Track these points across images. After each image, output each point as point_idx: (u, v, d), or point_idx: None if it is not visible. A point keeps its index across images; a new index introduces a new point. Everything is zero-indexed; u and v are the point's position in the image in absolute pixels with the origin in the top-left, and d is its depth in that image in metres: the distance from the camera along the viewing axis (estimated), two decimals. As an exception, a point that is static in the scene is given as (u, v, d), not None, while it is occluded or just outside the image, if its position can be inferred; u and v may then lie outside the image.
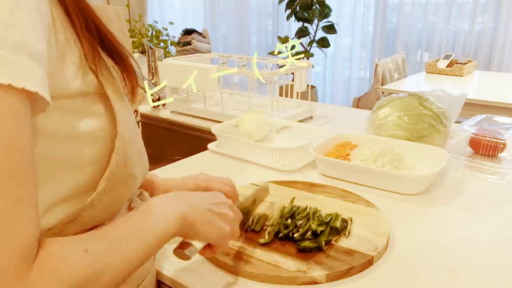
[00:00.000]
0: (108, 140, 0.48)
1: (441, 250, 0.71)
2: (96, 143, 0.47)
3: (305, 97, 1.47)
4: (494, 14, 3.31)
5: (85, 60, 0.45)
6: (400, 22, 3.71)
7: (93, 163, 0.47)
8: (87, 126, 0.46)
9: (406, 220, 0.81)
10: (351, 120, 1.48)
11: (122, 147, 0.48)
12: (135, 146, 0.52)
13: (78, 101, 0.45)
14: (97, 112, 0.47)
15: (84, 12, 0.45)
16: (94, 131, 0.46)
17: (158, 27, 2.26)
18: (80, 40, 0.45)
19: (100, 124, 0.47)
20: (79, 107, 0.45)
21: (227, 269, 0.66)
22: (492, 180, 0.97)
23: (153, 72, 1.57)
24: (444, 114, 1.10)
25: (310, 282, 0.62)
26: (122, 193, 0.52)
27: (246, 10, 4.51)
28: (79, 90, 0.45)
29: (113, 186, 0.49)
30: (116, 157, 0.48)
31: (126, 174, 0.50)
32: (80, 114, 0.45)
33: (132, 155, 0.51)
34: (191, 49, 2.72)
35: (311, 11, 3.06)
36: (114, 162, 0.48)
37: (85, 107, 0.46)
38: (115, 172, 0.48)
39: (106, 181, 0.47)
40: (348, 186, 0.92)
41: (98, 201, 0.48)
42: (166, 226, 0.51)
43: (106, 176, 0.47)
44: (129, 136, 0.50)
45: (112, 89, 0.48)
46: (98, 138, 0.47)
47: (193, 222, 0.54)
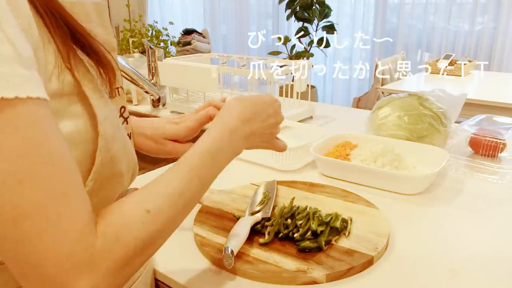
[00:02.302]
0: (90, 140, 0.47)
1: (441, 250, 0.71)
2: (77, 144, 0.46)
3: (305, 97, 1.47)
4: (494, 14, 3.32)
5: (60, 59, 0.44)
6: (400, 22, 3.71)
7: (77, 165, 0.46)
8: (65, 128, 0.45)
9: (406, 220, 0.81)
10: (351, 120, 1.48)
11: (105, 145, 0.48)
12: (119, 143, 0.51)
13: (56, 103, 0.44)
14: (75, 113, 0.46)
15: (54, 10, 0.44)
16: (72, 132, 0.46)
17: (158, 27, 2.26)
18: (54, 39, 0.44)
19: (79, 124, 0.46)
20: (57, 109, 0.44)
21: (227, 268, 0.66)
22: (492, 180, 0.97)
23: (153, 72, 1.57)
24: (444, 114, 1.10)
25: (310, 282, 0.62)
26: (111, 192, 0.52)
27: (246, 10, 4.51)
28: (56, 90, 0.44)
29: (100, 185, 0.49)
30: (100, 157, 0.47)
31: (113, 173, 0.50)
32: (59, 115, 0.44)
33: (117, 152, 0.50)
34: (191, 49, 2.72)
35: (311, 11, 3.06)
36: (98, 161, 0.47)
37: (62, 108, 0.45)
38: (101, 171, 0.48)
39: (92, 181, 0.47)
40: (348, 186, 0.92)
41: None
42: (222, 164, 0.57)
43: (92, 176, 0.47)
44: (112, 134, 0.49)
45: (90, 87, 0.47)
46: (78, 139, 0.46)
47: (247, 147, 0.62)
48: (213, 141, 0.56)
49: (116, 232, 0.42)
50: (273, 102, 0.67)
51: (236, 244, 0.66)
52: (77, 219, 0.40)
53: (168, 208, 0.47)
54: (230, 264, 0.62)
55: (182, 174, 0.51)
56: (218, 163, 0.56)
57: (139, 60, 1.86)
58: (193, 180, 0.51)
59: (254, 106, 0.63)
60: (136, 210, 0.45)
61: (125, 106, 0.61)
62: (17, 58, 0.37)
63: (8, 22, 0.38)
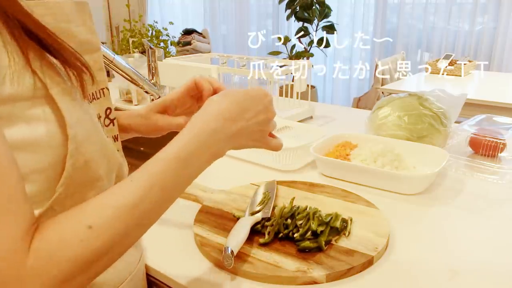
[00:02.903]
0: (56, 144, 0.45)
1: (441, 250, 0.71)
2: (45, 149, 0.44)
3: (305, 97, 1.47)
4: (494, 14, 3.32)
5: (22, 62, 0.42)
6: (400, 22, 3.71)
7: (41, 171, 0.44)
8: (23, 133, 0.43)
9: (406, 220, 0.81)
10: (351, 120, 1.48)
11: (76, 149, 0.45)
12: (95, 146, 0.49)
13: (11, 107, 0.42)
14: (36, 117, 0.44)
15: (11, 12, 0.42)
16: (32, 137, 0.43)
17: (158, 27, 2.26)
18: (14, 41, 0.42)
19: (40, 129, 0.44)
20: (12, 114, 0.42)
21: (227, 269, 0.66)
22: (492, 180, 0.97)
23: (153, 72, 1.57)
24: (444, 114, 1.10)
25: (310, 282, 0.62)
26: (87, 196, 0.49)
27: (246, 10, 4.51)
28: (12, 95, 0.41)
29: (75, 189, 0.47)
30: (71, 161, 0.45)
31: (89, 177, 0.48)
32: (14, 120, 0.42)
33: (92, 156, 0.48)
34: (191, 49, 2.72)
35: (311, 11, 3.07)
36: (69, 166, 0.45)
37: (20, 113, 0.42)
38: (74, 176, 0.46)
39: (63, 186, 0.45)
40: (348, 186, 0.92)
41: (60, 206, 0.46)
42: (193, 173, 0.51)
43: (62, 181, 0.45)
44: (85, 137, 0.47)
45: (58, 89, 0.45)
46: (46, 144, 0.44)
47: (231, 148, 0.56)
48: (184, 145, 0.51)
49: (49, 249, 0.39)
50: (263, 96, 0.60)
51: (236, 244, 0.66)
52: (7, 235, 0.37)
53: (116, 222, 0.43)
54: (230, 264, 0.62)
55: (139, 183, 0.46)
56: (191, 167, 0.50)
57: (139, 60, 1.86)
58: (153, 188, 0.46)
59: (241, 102, 0.57)
60: (76, 225, 0.41)
61: (111, 107, 0.58)
62: None
63: None
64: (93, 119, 0.51)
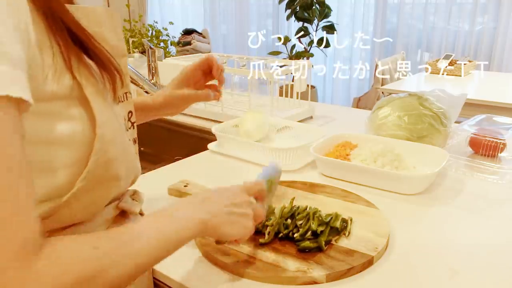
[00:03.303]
0: (87, 142, 0.47)
1: (441, 250, 0.71)
2: (72, 146, 0.46)
3: (305, 97, 1.47)
4: (494, 14, 3.31)
5: (62, 62, 0.45)
6: (400, 22, 3.71)
7: (69, 166, 0.47)
8: (62, 130, 0.45)
9: (406, 220, 0.81)
10: (351, 120, 1.48)
11: (101, 148, 0.48)
12: (119, 147, 0.52)
13: (53, 105, 0.44)
14: (73, 116, 0.46)
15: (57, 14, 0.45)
16: (69, 134, 0.46)
17: (158, 27, 2.26)
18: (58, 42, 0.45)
19: (77, 127, 0.46)
20: (54, 111, 0.45)
21: (227, 269, 0.66)
22: (492, 180, 0.97)
23: (153, 72, 1.57)
24: (444, 114, 1.10)
25: (310, 282, 0.62)
26: (104, 194, 0.52)
27: (246, 10, 4.51)
28: (54, 93, 0.44)
29: (93, 186, 0.49)
30: (95, 158, 0.47)
31: (108, 175, 0.50)
32: (54, 117, 0.45)
33: (115, 156, 0.50)
34: (191, 49, 2.72)
35: (311, 11, 3.06)
36: (92, 162, 0.47)
37: (61, 111, 0.45)
38: (94, 172, 0.48)
39: (83, 182, 0.47)
40: (348, 186, 0.92)
41: (76, 200, 0.48)
42: (184, 230, 0.52)
43: (83, 176, 0.47)
44: (111, 137, 0.49)
45: (92, 90, 0.48)
46: (74, 141, 0.46)
47: (215, 226, 0.56)
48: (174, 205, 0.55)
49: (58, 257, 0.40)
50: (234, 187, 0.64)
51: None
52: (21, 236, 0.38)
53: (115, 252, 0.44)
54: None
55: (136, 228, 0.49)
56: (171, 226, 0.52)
57: (139, 60, 1.87)
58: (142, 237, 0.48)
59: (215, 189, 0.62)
60: (86, 244, 0.43)
61: (133, 111, 0.61)
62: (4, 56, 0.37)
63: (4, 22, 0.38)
64: (119, 121, 0.54)
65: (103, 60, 0.50)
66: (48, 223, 0.48)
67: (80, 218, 0.52)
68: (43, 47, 0.43)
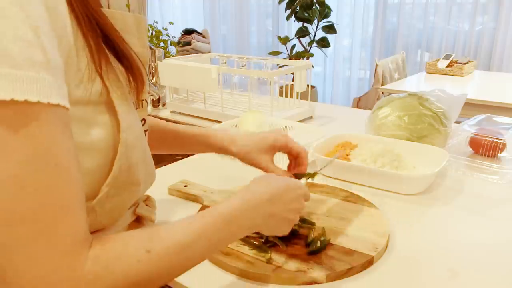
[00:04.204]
0: (111, 147, 0.47)
1: (441, 250, 0.71)
2: (98, 152, 0.46)
3: (305, 97, 1.47)
4: (494, 14, 3.31)
5: (92, 65, 0.45)
6: (400, 22, 3.71)
7: (94, 171, 0.46)
8: (91, 135, 0.45)
9: (406, 220, 0.81)
10: (351, 120, 1.48)
11: (125, 152, 0.48)
12: (139, 152, 0.52)
13: (82, 110, 0.44)
14: (101, 122, 0.46)
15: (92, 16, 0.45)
16: (97, 140, 0.46)
17: (158, 27, 2.26)
18: (89, 44, 0.45)
19: (103, 133, 0.46)
20: (83, 116, 0.45)
21: (227, 269, 0.66)
22: (492, 180, 0.97)
23: (153, 72, 1.57)
24: (444, 114, 1.10)
25: (310, 282, 0.62)
26: (125, 199, 0.52)
27: (246, 10, 4.51)
28: (83, 97, 0.44)
29: (116, 191, 0.49)
30: (119, 163, 0.47)
31: (130, 180, 0.50)
32: (84, 123, 0.45)
33: (136, 161, 0.50)
34: (191, 49, 2.71)
35: (311, 11, 3.06)
36: (116, 168, 0.47)
37: (90, 116, 0.45)
38: (118, 177, 0.48)
39: (108, 187, 0.47)
40: (348, 186, 0.92)
41: (100, 207, 0.48)
42: (235, 234, 0.54)
43: (108, 181, 0.47)
44: (133, 142, 0.50)
45: (118, 94, 0.48)
46: (100, 147, 0.46)
47: (260, 229, 0.59)
48: (233, 208, 0.54)
49: (108, 259, 0.41)
50: (297, 188, 0.64)
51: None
52: (71, 235, 0.39)
53: (169, 255, 0.45)
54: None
55: (193, 229, 0.49)
56: (230, 229, 0.53)
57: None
58: (201, 238, 0.49)
59: (280, 189, 0.61)
60: (137, 246, 0.43)
61: (146, 119, 0.61)
62: (45, 64, 0.37)
63: (43, 29, 0.38)
64: (140, 126, 0.54)
65: (132, 65, 0.50)
66: None
67: (105, 224, 0.51)
68: (79, 51, 0.43)
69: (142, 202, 0.63)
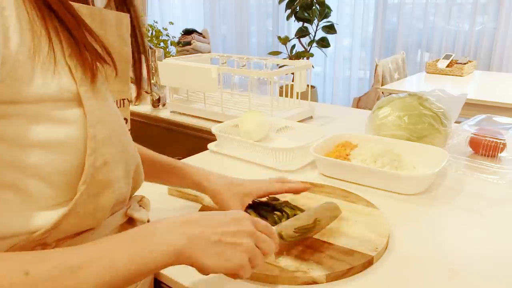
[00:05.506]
0: (82, 143, 0.45)
1: (441, 250, 0.71)
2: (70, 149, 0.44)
3: (305, 97, 1.47)
4: (494, 14, 3.32)
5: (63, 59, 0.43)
6: (400, 22, 3.71)
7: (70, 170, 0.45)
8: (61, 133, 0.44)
9: (406, 220, 0.81)
10: (351, 120, 1.48)
11: (95, 148, 0.46)
12: (116, 148, 0.50)
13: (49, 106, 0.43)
14: (71, 119, 0.45)
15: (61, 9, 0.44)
16: (67, 137, 0.44)
17: (158, 27, 2.26)
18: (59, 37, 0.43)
19: (74, 130, 0.45)
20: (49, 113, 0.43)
21: (227, 269, 0.65)
22: (492, 180, 0.97)
23: (153, 72, 1.57)
24: (444, 114, 1.10)
25: (310, 282, 0.62)
26: (107, 198, 0.49)
27: (246, 10, 4.51)
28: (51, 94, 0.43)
29: (96, 191, 0.47)
30: (91, 159, 0.45)
31: (108, 178, 0.48)
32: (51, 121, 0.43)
33: (112, 157, 0.49)
34: (191, 49, 2.71)
35: (311, 11, 3.06)
36: (89, 165, 0.45)
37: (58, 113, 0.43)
38: (94, 175, 0.46)
39: (85, 185, 0.45)
40: (348, 186, 0.92)
41: (82, 208, 0.47)
42: (148, 258, 0.44)
43: (83, 179, 0.45)
44: (106, 137, 0.47)
45: (86, 88, 0.46)
46: (72, 144, 0.45)
47: (191, 255, 0.47)
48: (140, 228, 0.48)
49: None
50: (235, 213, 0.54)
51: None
52: None
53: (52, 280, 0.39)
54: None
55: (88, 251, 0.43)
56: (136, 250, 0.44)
57: (139, 60, 1.86)
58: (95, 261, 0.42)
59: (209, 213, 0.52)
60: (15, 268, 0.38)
61: (128, 118, 0.60)
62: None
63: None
64: (119, 123, 0.52)
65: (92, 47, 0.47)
66: (57, 232, 0.46)
67: (90, 225, 0.50)
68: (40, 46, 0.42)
69: (136, 203, 0.61)
